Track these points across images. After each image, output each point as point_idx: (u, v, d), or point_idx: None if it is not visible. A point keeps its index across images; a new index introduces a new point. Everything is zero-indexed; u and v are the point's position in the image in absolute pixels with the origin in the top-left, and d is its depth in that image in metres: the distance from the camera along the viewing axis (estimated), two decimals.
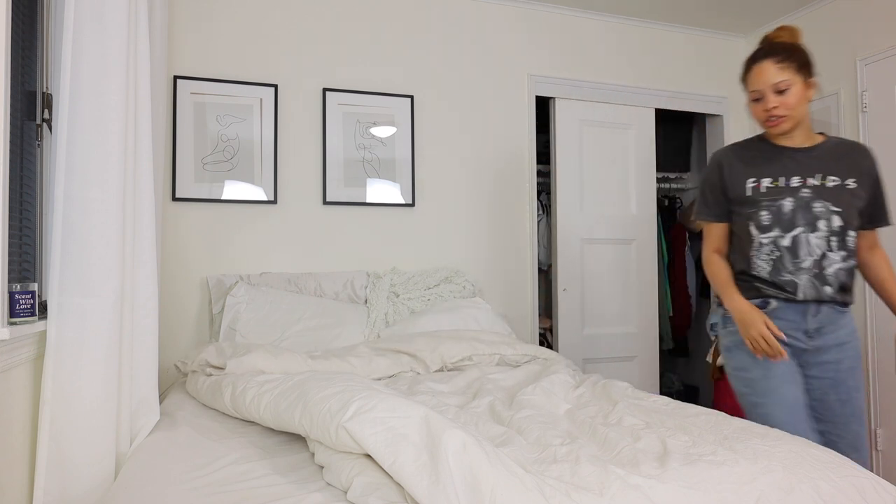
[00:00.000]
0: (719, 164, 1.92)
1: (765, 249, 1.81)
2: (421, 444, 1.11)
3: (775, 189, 1.81)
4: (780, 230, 1.78)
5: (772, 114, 1.78)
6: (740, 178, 1.86)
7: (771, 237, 1.80)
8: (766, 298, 1.83)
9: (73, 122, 1.56)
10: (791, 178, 1.81)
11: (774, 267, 1.80)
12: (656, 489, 1.09)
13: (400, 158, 3.10)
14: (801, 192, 1.78)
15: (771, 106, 1.78)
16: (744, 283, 1.88)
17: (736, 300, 1.84)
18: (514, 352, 2.38)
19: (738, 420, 1.56)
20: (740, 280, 1.89)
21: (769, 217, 1.80)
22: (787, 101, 1.76)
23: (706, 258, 1.97)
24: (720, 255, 1.96)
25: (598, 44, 3.57)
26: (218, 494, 1.16)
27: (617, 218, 3.59)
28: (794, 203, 1.78)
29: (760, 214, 1.81)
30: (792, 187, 1.79)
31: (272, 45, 2.93)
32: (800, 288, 1.78)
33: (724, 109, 3.86)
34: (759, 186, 1.83)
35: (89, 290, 1.55)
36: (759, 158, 1.86)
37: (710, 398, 3.79)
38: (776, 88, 1.77)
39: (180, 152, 2.74)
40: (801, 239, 1.77)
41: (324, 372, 1.73)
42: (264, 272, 2.82)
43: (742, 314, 1.80)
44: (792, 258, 1.78)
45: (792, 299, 1.79)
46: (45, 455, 1.49)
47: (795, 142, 1.85)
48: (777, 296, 1.81)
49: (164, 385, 2.57)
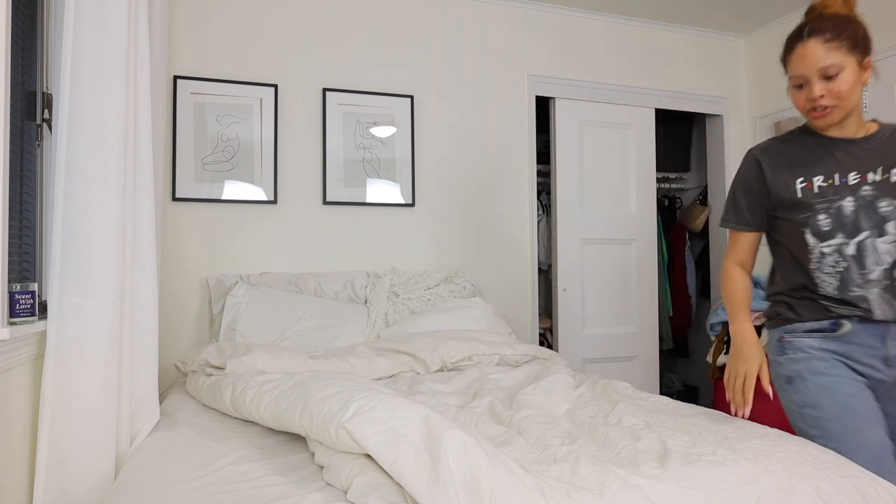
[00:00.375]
0: (757, 163, 1.63)
1: (828, 261, 1.52)
2: (421, 444, 1.10)
3: (830, 188, 1.52)
4: (843, 236, 1.50)
5: (818, 103, 1.49)
6: (787, 178, 1.57)
7: (834, 245, 1.51)
8: (837, 320, 1.53)
9: (73, 122, 1.56)
10: (847, 174, 1.52)
11: (842, 281, 1.50)
12: (656, 489, 1.09)
13: (400, 158, 3.10)
14: (861, 190, 1.50)
15: (817, 95, 1.48)
16: (806, 301, 1.57)
17: (744, 327, 1.60)
18: (513, 352, 2.38)
19: (738, 420, 1.56)
20: (802, 298, 1.58)
21: (829, 221, 1.51)
22: (837, 89, 1.46)
23: (725, 270, 1.70)
24: (743, 269, 1.69)
25: (598, 44, 3.57)
26: (218, 494, 1.16)
27: (617, 218, 3.58)
28: (856, 203, 1.50)
29: (818, 218, 1.52)
30: (850, 185, 1.51)
31: (272, 45, 2.93)
32: (874, 304, 1.48)
33: (724, 109, 3.86)
34: (810, 186, 1.54)
35: (89, 290, 1.55)
36: (807, 154, 1.58)
37: (710, 398, 3.79)
38: (824, 74, 1.46)
39: (180, 152, 2.74)
40: (867, 245, 1.49)
41: (324, 372, 1.73)
42: (264, 272, 2.82)
43: (745, 344, 1.57)
44: (859, 269, 1.49)
45: (867, 318, 1.49)
46: (45, 455, 1.49)
47: (847, 132, 1.56)
48: (851, 314, 1.51)
49: (164, 385, 2.57)
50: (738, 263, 1.69)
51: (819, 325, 1.54)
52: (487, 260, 3.28)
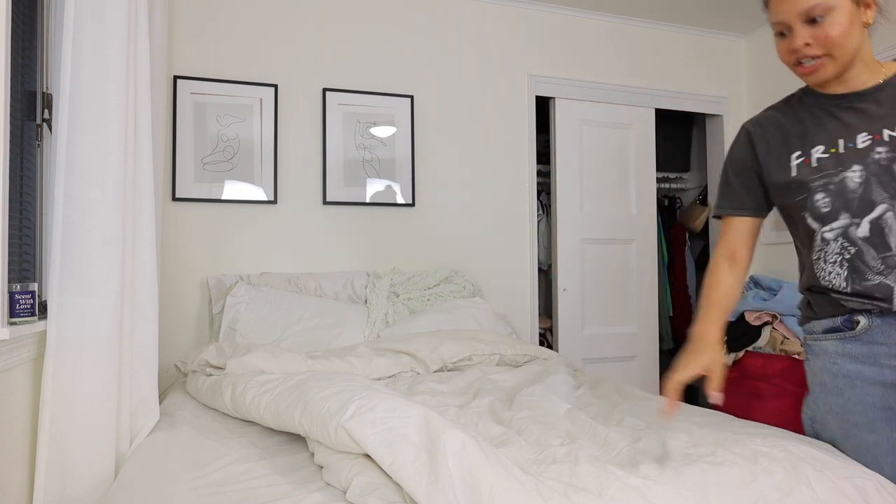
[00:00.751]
0: (749, 139, 1.39)
1: (832, 248, 1.26)
2: (420, 445, 1.11)
3: (832, 159, 1.25)
4: (848, 215, 1.23)
5: (803, 54, 1.22)
6: (781, 155, 1.32)
7: (838, 228, 1.24)
8: (851, 315, 1.27)
9: (73, 122, 1.56)
10: (855, 136, 1.24)
11: (852, 269, 1.24)
12: (654, 491, 1.09)
13: (400, 158, 3.10)
14: (874, 154, 1.21)
15: (800, 44, 1.21)
16: (820, 295, 1.33)
17: (705, 327, 1.36)
18: (513, 352, 2.38)
19: (738, 420, 1.56)
20: (817, 292, 1.34)
21: (828, 200, 1.24)
22: (825, 35, 1.19)
23: (710, 265, 1.45)
24: (733, 263, 1.42)
25: (598, 44, 3.57)
26: (218, 494, 1.16)
27: (617, 218, 3.58)
28: (865, 171, 1.21)
29: (815, 199, 1.26)
30: (858, 149, 1.23)
31: (272, 45, 2.93)
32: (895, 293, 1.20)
33: (724, 109, 3.86)
34: (808, 161, 1.28)
35: (89, 290, 1.55)
36: (807, 120, 1.31)
37: None
38: (807, 16, 1.19)
39: (180, 152, 2.74)
40: (886, 221, 1.20)
41: (324, 372, 1.73)
42: (264, 272, 2.82)
43: (696, 342, 1.35)
44: (877, 252, 1.21)
45: (888, 311, 1.22)
46: (45, 455, 1.49)
47: (853, 85, 1.26)
48: (866, 308, 1.24)
49: (164, 385, 2.57)
50: (728, 256, 1.43)
51: (833, 324, 1.31)
52: (487, 260, 3.28)
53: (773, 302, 3.11)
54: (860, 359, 1.26)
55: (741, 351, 3.13)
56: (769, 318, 3.09)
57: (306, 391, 1.39)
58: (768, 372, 2.97)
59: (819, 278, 1.29)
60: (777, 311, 3.07)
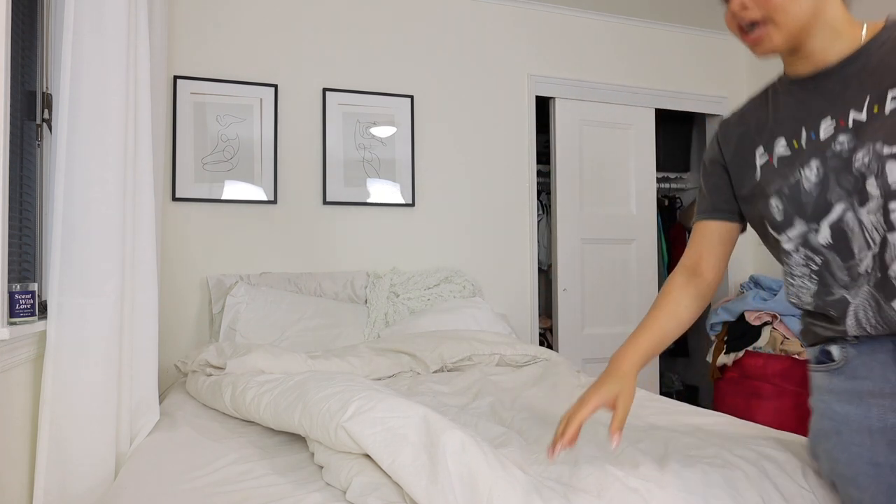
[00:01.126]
0: (716, 142, 1.23)
1: (795, 259, 1.07)
2: (420, 445, 1.11)
3: (792, 156, 1.06)
4: (804, 221, 1.04)
5: (741, 19, 1.02)
6: (746, 154, 1.14)
7: (795, 237, 1.06)
8: (825, 346, 1.08)
9: (73, 122, 1.56)
10: (818, 124, 1.04)
11: (821, 282, 1.04)
12: (654, 493, 1.09)
13: (400, 158, 3.10)
14: (834, 145, 1.01)
15: (736, 6, 1.02)
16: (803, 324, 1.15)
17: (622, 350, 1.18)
18: (514, 352, 2.38)
19: (738, 421, 1.56)
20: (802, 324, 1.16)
21: (780, 205, 1.06)
22: None
23: (668, 277, 1.26)
24: (694, 275, 1.23)
25: (598, 44, 3.57)
26: (218, 494, 1.16)
27: (617, 218, 3.58)
28: (823, 168, 1.01)
29: (770, 205, 1.08)
30: (820, 142, 1.02)
31: (272, 45, 2.93)
32: (856, 311, 1.00)
33: (724, 109, 3.86)
34: (771, 161, 1.09)
35: (89, 290, 1.55)
36: (774, 110, 1.12)
37: (711, 398, 3.79)
38: None
39: (180, 152, 2.74)
40: (847, 223, 0.99)
41: (324, 372, 1.73)
42: (264, 272, 2.82)
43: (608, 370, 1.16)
44: (842, 260, 1.01)
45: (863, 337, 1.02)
46: (45, 455, 1.50)
47: (821, 59, 1.04)
48: (837, 336, 1.05)
49: (164, 385, 2.57)
50: (689, 267, 1.24)
51: (814, 353, 1.11)
52: (487, 260, 3.28)
53: (773, 302, 3.11)
54: (846, 397, 1.05)
55: (741, 351, 3.13)
56: (769, 318, 3.09)
57: (306, 391, 1.39)
58: (768, 372, 2.97)
59: (789, 295, 1.12)
60: (777, 311, 3.07)
